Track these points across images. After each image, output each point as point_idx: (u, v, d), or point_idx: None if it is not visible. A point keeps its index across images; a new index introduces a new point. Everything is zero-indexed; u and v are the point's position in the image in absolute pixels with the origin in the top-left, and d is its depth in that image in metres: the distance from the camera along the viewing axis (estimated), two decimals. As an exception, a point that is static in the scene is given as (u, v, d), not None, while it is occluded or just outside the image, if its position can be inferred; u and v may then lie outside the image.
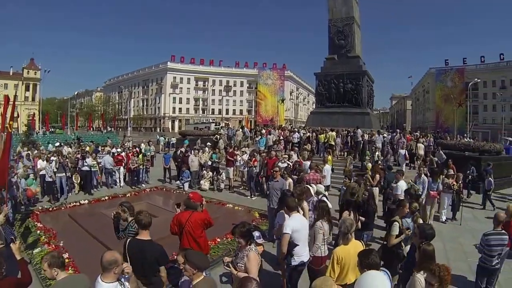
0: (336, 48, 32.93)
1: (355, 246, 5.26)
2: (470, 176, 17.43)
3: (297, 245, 6.12)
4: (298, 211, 7.19)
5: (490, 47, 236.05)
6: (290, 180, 12.14)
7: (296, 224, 6.15)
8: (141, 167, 20.00)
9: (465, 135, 46.87)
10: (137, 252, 5.20)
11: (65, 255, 8.56)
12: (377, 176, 13.88)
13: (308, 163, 15.26)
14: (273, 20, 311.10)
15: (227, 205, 15.37)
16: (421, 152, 22.56)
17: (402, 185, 11.87)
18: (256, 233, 6.28)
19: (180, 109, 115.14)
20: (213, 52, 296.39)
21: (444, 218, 13.80)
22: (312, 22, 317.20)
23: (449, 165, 17.17)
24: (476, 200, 16.93)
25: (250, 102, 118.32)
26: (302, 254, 6.16)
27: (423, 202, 12.71)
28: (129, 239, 5.46)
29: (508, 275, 7.92)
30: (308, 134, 26.70)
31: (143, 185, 19.91)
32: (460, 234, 12.00)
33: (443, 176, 14.42)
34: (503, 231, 6.93)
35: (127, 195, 16.86)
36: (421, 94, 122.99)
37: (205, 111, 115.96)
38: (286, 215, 6.58)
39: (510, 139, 41.95)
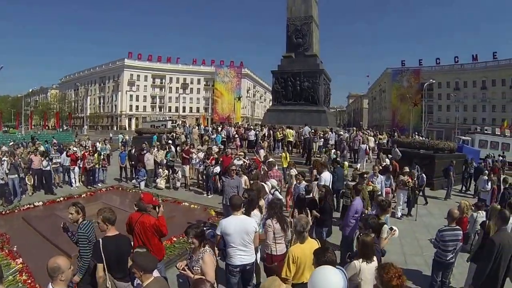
0: (293, 47, 33.16)
1: (311, 245, 5.29)
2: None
3: (225, 246, 6.12)
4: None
5: (445, 51, 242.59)
6: (245, 177, 12.38)
7: (227, 226, 6.04)
8: (97, 166, 19.60)
9: (416, 133, 48.14)
10: (113, 249, 5.20)
11: (19, 260, 8.40)
12: (314, 171, 14.01)
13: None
14: (231, 17, 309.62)
15: (183, 203, 15.30)
16: (371, 144, 24.37)
17: (326, 176, 12.54)
18: (211, 233, 6.32)
19: (137, 106, 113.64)
20: (170, 49, 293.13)
21: (399, 214, 14.30)
22: (270, 20, 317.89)
23: (392, 163, 18.06)
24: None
25: (207, 99, 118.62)
26: (233, 257, 6.04)
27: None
28: (101, 239, 5.32)
29: (462, 268, 8.28)
30: (265, 131, 26.97)
31: (99, 184, 19.54)
32: (415, 229, 12.44)
33: (399, 173, 15.05)
34: (457, 227, 7.22)
35: (82, 196, 16.45)
36: (378, 93, 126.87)
37: (162, 109, 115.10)
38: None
39: (463, 137, 43.63)
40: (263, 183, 9.94)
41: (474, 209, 10.27)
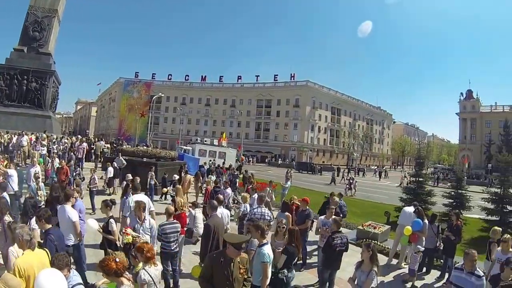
0: (28, 40, 30.23)
1: (40, 254, 5.01)
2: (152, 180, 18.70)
3: None
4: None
5: (176, 67, 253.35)
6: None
7: None
8: None
9: (120, 142, 48.83)
10: None
11: None
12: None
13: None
14: None
15: None
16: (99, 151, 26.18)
17: (31, 171, 13.69)
18: None
19: None
20: None
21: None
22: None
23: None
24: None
25: None
26: None
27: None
28: None
29: (190, 256, 9.91)
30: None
31: None
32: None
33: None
34: (175, 221, 8.25)
35: None
36: (107, 102, 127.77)
37: None
38: None
39: (185, 147, 47.25)
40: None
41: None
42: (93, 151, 27.02)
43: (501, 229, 9.43)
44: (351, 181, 32.91)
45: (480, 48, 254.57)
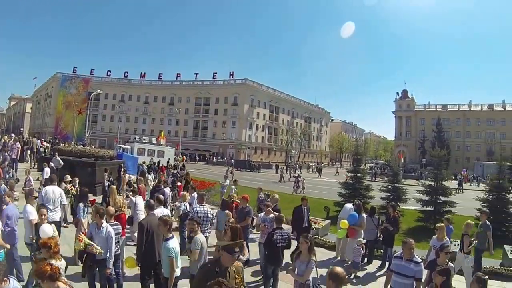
0: None
1: None
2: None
3: None
4: None
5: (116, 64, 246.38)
6: None
7: None
8: None
9: (57, 140, 48.06)
10: None
11: None
12: None
13: None
14: None
15: None
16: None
17: None
18: None
19: None
20: None
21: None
22: None
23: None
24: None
25: None
26: None
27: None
28: None
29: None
30: None
31: None
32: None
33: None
34: (116, 222, 8.14)
35: None
36: (43, 98, 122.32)
37: None
38: None
39: (123, 146, 47.29)
40: None
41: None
42: (29, 149, 26.79)
43: (473, 223, 10.27)
44: (298, 178, 33.07)
45: (415, 49, 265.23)
